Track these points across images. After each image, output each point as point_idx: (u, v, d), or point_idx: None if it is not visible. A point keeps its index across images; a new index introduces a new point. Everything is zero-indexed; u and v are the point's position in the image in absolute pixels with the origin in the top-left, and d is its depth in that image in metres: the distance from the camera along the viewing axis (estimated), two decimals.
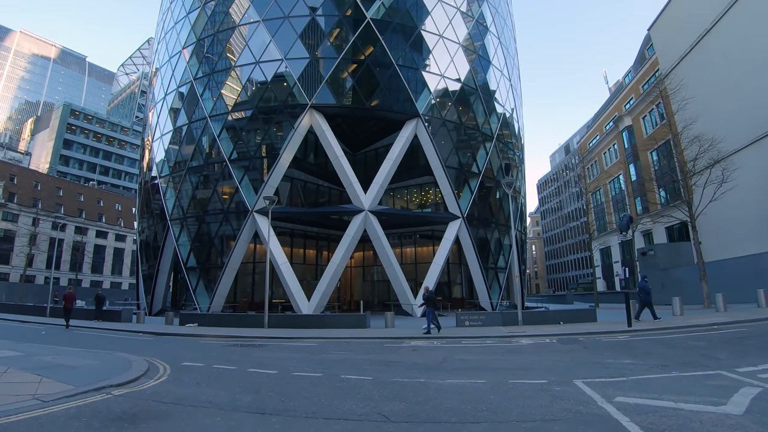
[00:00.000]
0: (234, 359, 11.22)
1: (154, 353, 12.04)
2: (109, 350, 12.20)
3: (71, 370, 8.74)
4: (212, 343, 15.31)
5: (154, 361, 10.44)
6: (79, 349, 12.10)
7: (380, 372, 9.26)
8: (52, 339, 16.28)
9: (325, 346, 14.60)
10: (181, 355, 11.95)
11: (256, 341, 15.79)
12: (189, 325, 20.64)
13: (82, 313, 26.70)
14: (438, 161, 33.98)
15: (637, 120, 47.21)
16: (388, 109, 33.66)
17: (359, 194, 31.48)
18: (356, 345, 14.79)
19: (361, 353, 12.77)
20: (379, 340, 16.03)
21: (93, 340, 16.06)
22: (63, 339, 16.41)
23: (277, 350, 13.47)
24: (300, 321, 20.55)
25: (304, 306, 29.94)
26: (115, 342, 15.59)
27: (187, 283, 38.35)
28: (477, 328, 19.33)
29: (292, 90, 33.08)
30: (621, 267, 51.26)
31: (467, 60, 38.47)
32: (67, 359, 9.92)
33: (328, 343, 15.41)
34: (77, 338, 16.99)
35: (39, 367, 8.77)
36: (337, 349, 13.68)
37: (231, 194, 32.93)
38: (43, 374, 7.98)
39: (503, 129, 40.12)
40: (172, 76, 38.75)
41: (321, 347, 14.17)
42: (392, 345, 14.77)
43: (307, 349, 13.77)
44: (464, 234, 34.56)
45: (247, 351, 13.12)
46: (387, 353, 12.81)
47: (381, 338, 16.47)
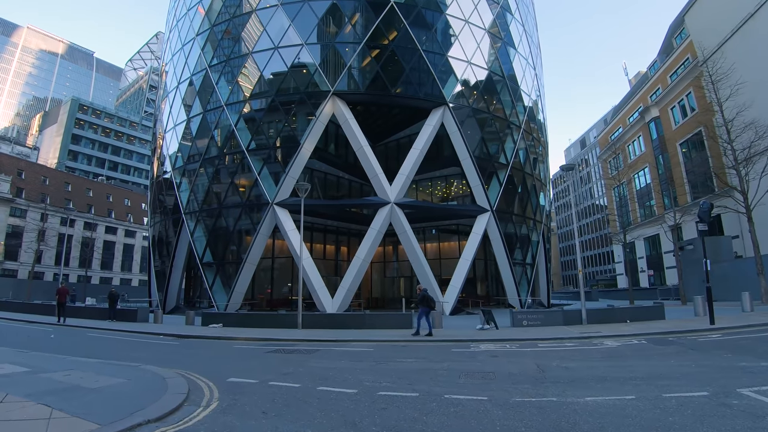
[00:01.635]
0: (289, 372, 9.08)
1: (187, 364, 9.93)
2: (132, 361, 10.09)
3: (91, 394, 6.60)
4: (248, 348, 13.18)
5: (191, 376, 8.33)
6: (97, 360, 9.95)
7: (484, 387, 7.42)
8: (64, 345, 14.18)
9: (383, 350, 12.53)
10: (221, 367, 9.83)
11: (297, 345, 13.66)
12: (213, 325, 18.54)
13: (95, 313, 24.57)
14: (466, 151, 31.81)
15: (665, 111, 44.92)
16: (414, 96, 31.47)
17: (384, 186, 29.35)
18: (419, 349, 12.72)
19: (435, 360, 10.74)
20: (440, 343, 13.98)
21: (110, 346, 13.98)
22: (75, 345, 14.30)
23: (331, 358, 11.36)
24: (337, 321, 18.39)
25: (327, 304, 27.86)
26: (135, 348, 13.51)
27: (201, 279, 36.35)
28: (537, 328, 17.35)
29: (313, 77, 30.94)
30: (646, 263, 49.13)
31: (493, 47, 36.28)
32: (84, 377, 7.77)
33: (383, 347, 13.32)
34: (92, 343, 14.88)
35: (48, 391, 6.64)
36: (402, 355, 11.64)
37: (249, 186, 30.80)
38: (53, 404, 5.84)
39: (529, 119, 37.90)
40: (186, 64, 36.60)
41: (380, 353, 12.11)
42: (460, 349, 12.71)
43: (365, 355, 11.68)
44: (493, 228, 32.40)
45: (298, 360, 10.99)
46: (465, 360, 10.82)
47: (439, 341, 14.36)
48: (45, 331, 18.29)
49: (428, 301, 15.65)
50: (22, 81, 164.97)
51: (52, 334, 16.96)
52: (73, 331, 18.61)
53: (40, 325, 20.62)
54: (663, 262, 45.91)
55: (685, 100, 42.69)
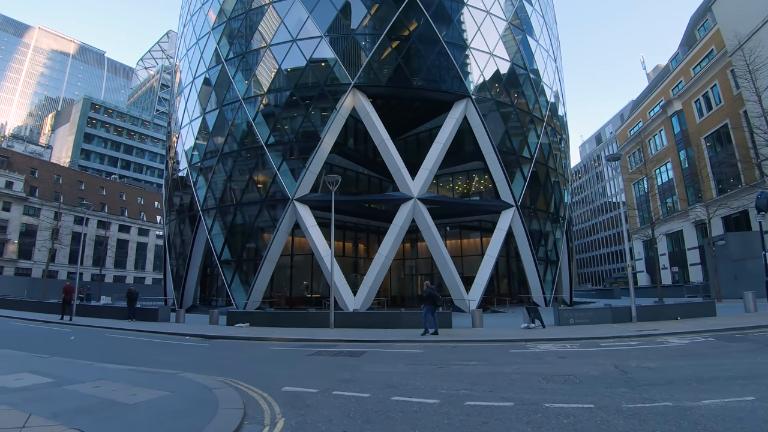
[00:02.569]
0: (348, 379, 8.03)
1: (227, 370, 8.92)
2: (164, 366, 9.08)
3: (131, 413, 5.53)
4: (286, 350, 12.12)
5: (239, 385, 7.29)
6: (126, 367, 8.86)
7: (579, 393, 6.73)
8: (86, 348, 13.19)
9: (434, 352, 11.49)
10: (267, 373, 8.78)
11: (337, 346, 12.60)
12: (239, 324, 17.52)
13: (113, 312, 23.60)
14: (490, 145, 30.66)
15: (688, 104, 43.45)
16: (437, 88, 30.30)
17: (407, 181, 28.25)
18: (473, 350, 11.72)
19: (500, 363, 9.77)
20: (493, 344, 12.96)
21: (135, 349, 13.00)
22: (98, 347, 13.28)
23: (383, 361, 10.33)
24: (371, 320, 17.32)
25: (350, 302, 26.80)
26: (163, 350, 12.51)
27: (219, 277, 35.42)
28: (586, 326, 16.38)
29: (333, 69, 29.87)
30: (668, 260, 47.72)
31: (515, 38, 35.06)
32: (117, 389, 6.70)
33: (431, 347, 12.28)
34: (115, 346, 13.88)
35: (79, 409, 5.60)
36: (459, 357, 10.59)
37: (268, 182, 29.80)
38: (89, 428, 4.78)
39: (552, 113, 36.65)
40: (201, 58, 35.66)
41: (433, 355, 11.09)
42: (519, 350, 11.69)
43: (418, 357, 10.67)
44: (517, 224, 31.23)
45: (349, 364, 9.94)
46: (532, 362, 9.87)
47: (489, 341, 13.37)
48: (63, 332, 17.27)
49: (434, 298, 15.14)
50: (34, 81, 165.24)
51: (71, 335, 15.88)
52: (93, 332, 17.61)
53: (57, 326, 19.65)
54: (686, 259, 44.50)
55: (709, 92, 41.23)
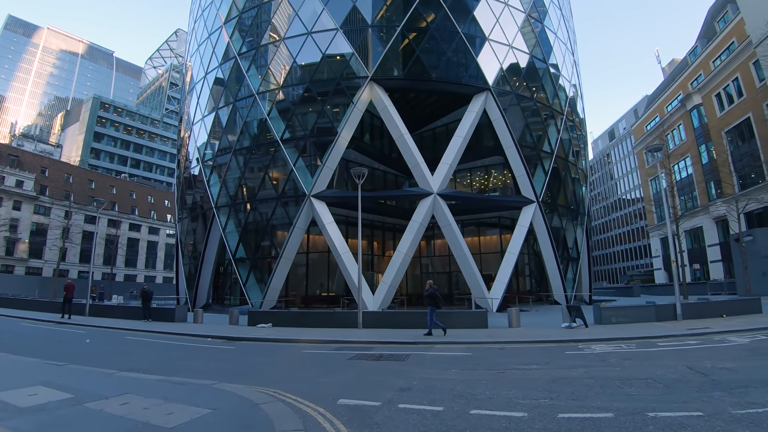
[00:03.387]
0: (406, 387, 7.05)
1: (266, 378, 7.98)
2: (191, 373, 8.17)
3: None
4: (322, 354, 11.11)
5: (286, 398, 6.32)
6: (153, 376, 7.83)
7: (669, 399, 6.16)
8: (103, 352, 12.18)
9: (484, 355, 10.53)
10: (313, 382, 7.77)
11: (374, 349, 11.60)
12: (261, 325, 16.56)
13: (128, 312, 22.60)
14: (510, 139, 29.59)
15: (708, 97, 42.16)
16: (456, 80, 29.23)
17: (427, 176, 27.24)
18: (526, 353, 10.76)
19: (562, 366, 8.91)
20: (540, 345, 12.01)
21: (157, 353, 11.97)
22: (116, 352, 12.25)
23: (433, 365, 9.32)
24: (401, 319, 16.28)
25: (369, 301, 25.80)
26: (187, 354, 11.51)
27: (231, 275, 34.67)
28: (629, 325, 15.43)
29: (349, 62, 28.91)
30: (687, 257, 46.38)
31: (533, 31, 33.96)
32: (149, 407, 5.69)
33: (478, 350, 11.29)
34: (134, 350, 12.79)
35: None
36: (514, 361, 9.63)
37: (284, 178, 28.88)
38: None
39: (570, 107, 35.52)
40: (213, 53, 34.75)
41: (483, 358, 10.13)
42: (574, 351, 10.76)
43: (470, 361, 9.71)
44: (538, 220, 30.17)
45: (397, 369, 8.93)
46: (597, 364, 8.99)
47: (535, 341, 12.39)
48: (77, 334, 16.22)
49: (436, 299, 14.36)
50: (43, 81, 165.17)
51: (86, 338, 14.75)
52: (108, 333, 16.59)
53: (69, 327, 18.60)
54: (706, 256, 43.23)
55: (731, 85, 39.95)
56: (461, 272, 34.84)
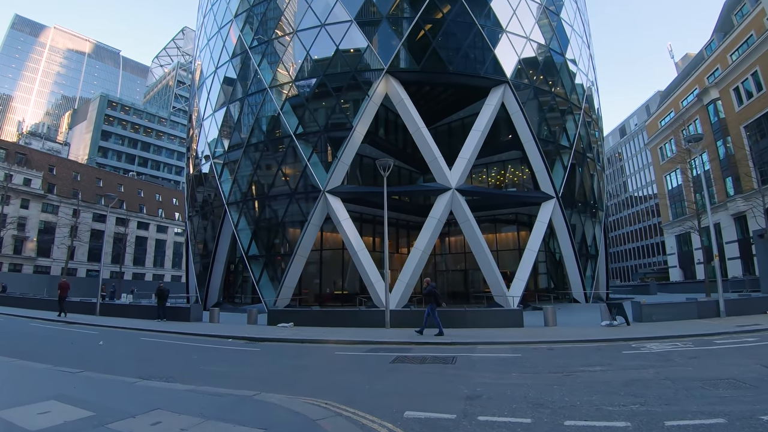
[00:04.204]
0: (469, 394, 6.18)
1: (309, 385, 7.10)
2: (221, 379, 7.29)
3: None
4: (357, 356, 10.16)
5: (343, 410, 5.42)
6: (183, 386, 6.82)
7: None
8: (120, 356, 11.18)
9: (537, 356, 9.68)
10: (362, 389, 6.85)
11: (414, 350, 10.66)
12: (282, 324, 15.66)
13: (140, 311, 21.69)
14: (529, 133, 28.64)
15: (725, 92, 41.02)
16: (474, 73, 28.24)
17: (444, 170, 26.30)
18: (579, 353, 9.96)
19: (632, 367, 8.21)
20: (589, 344, 11.17)
21: (179, 356, 10.93)
22: (135, 356, 11.25)
23: (488, 368, 8.47)
24: None
25: (385, 298, 24.87)
26: (210, 358, 10.56)
27: (242, 273, 33.90)
28: (671, 322, 14.62)
29: (364, 55, 27.99)
30: (703, 254, 45.23)
31: (551, 23, 32.96)
32: (186, 426, 4.71)
33: (526, 350, 10.39)
34: (153, 353, 11.72)
35: None
36: (574, 363, 8.79)
37: (298, 173, 27.97)
38: None
39: (588, 102, 34.50)
40: (223, 47, 33.87)
41: (539, 359, 9.30)
42: (630, 351, 9.99)
43: (526, 363, 8.85)
44: (558, 216, 29.24)
45: (451, 373, 8.06)
46: (662, 364, 8.33)
47: (582, 341, 11.55)
48: (89, 335, 15.26)
49: (436, 296, 13.72)
50: (50, 80, 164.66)
51: (100, 340, 13.72)
52: (122, 334, 15.65)
53: (80, 327, 17.65)
54: (724, 253, 42.06)
55: (749, 79, 38.79)
56: (477, 270, 34.08)
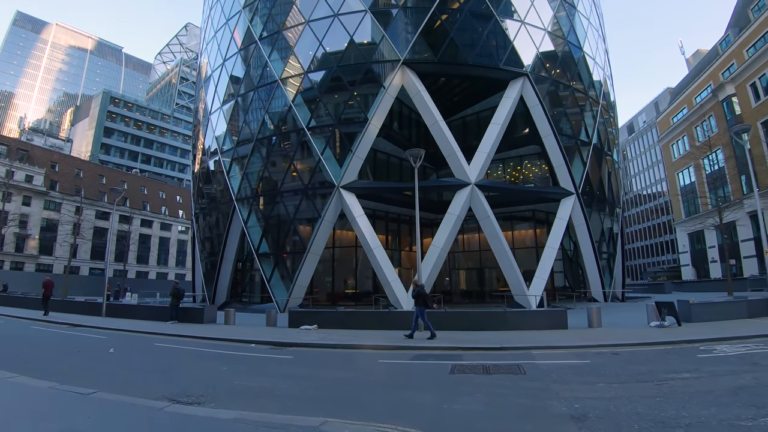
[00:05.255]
0: (572, 414, 5.00)
1: (373, 407, 5.88)
2: (282, 406, 5.99)
3: None
4: (402, 365, 8.88)
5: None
6: (226, 412, 5.28)
7: None
8: (136, 368, 9.33)
9: (606, 362, 8.50)
10: (441, 411, 5.56)
11: (464, 357, 9.36)
12: (305, 327, 14.41)
13: (149, 312, 20.27)
14: (549, 127, 27.47)
15: (742, 88, 39.85)
16: (493, 65, 27.00)
17: (464, 165, 25.10)
18: (649, 357, 9.01)
19: (722, 374, 7.35)
20: (652, 348, 10.04)
21: (203, 368, 9.24)
22: (154, 367, 9.35)
23: (564, 379, 7.23)
24: (470, 320, 14.01)
25: (402, 298, 23.77)
26: (242, 368, 9.13)
27: (250, 272, 32.69)
28: (723, 322, 13.69)
29: (379, 46, 26.74)
30: (718, 253, 44.19)
31: (568, 16, 31.78)
32: None
33: (591, 355, 9.25)
34: (173, 363, 9.81)
35: None
36: (655, 368, 7.68)
37: (310, 168, 26.75)
38: None
39: (605, 96, 33.32)
40: (231, 39, 32.59)
41: (610, 365, 8.16)
42: (704, 355, 8.99)
43: (602, 371, 7.71)
44: (577, 213, 28.10)
45: (529, 386, 6.80)
46: (757, 370, 7.22)
47: (642, 344, 10.35)
48: (96, 340, 13.60)
49: (425, 298, 12.83)
50: (52, 77, 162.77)
51: (111, 347, 11.91)
52: (134, 339, 13.97)
53: (86, 330, 16.07)
54: (740, 251, 40.96)
55: (767, 74, 37.71)
56: (492, 269, 32.92)
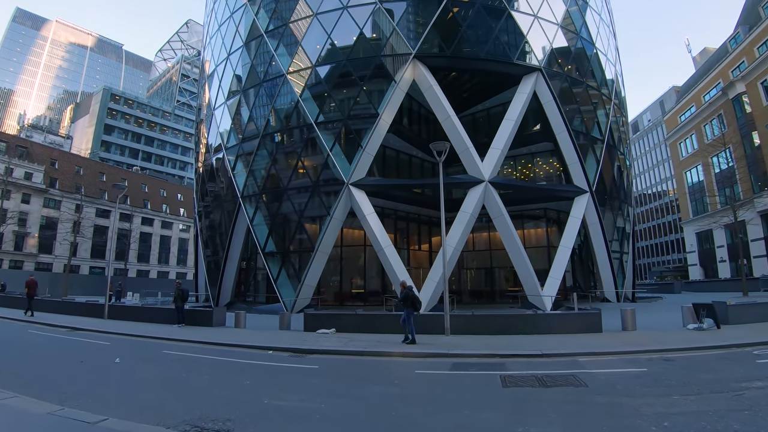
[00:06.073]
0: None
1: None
2: (307, 426, 5.02)
3: None
4: (446, 376, 7.88)
5: None
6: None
7: None
8: (147, 382, 8.05)
9: (663, 370, 7.76)
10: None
11: (509, 365, 8.38)
12: (322, 331, 13.45)
13: (154, 314, 19.04)
14: (562, 124, 26.61)
15: (753, 85, 39.03)
16: (507, 59, 26.06)
17: (477, 162, 24.18)
18: (707, 364, 8.29)
19: None
20: (704, 352, 9.39)
21: (225, 381, 8.02)
22: (168, 381, 8.07)
23: (635, 391, 6.31)
24: (498, 323, 13.00)
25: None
26: (267, 382, 7.93)
27: (257, 271, 31.72)
28: (762, 324, 12.92)
29: (389, 39, 25.79)
30: (727, 252, 43.45)
31: (580, 10, 30.91)
32: None
33: (638, 360, 8.48)
34: (189, 375, 8.64)
35: None
36: (722, 377, 7.02)
37: (319, 165, 25.78)
38: None
39: (616, 93, 32.44)
40: (236, 32, 31.53)
41: (670, 373, 7.54)
42: (764, 360, 8.23)
43: (666, 379, 7.01)
44: (591, 211, 27.27)
45: (602, 402, 5.94)
46: None
47: (688, 349, 9.62)
48: (100, 346, 12.35)
49: (413, 301, 12.27)
50: (52, 74, 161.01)
51: (117, 356, 10.39)
52: (141, 345, 12.78)
53: (87, 335, 14.76)
54: (749, 251, 40.17)
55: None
56: (502, 268, 32.06)
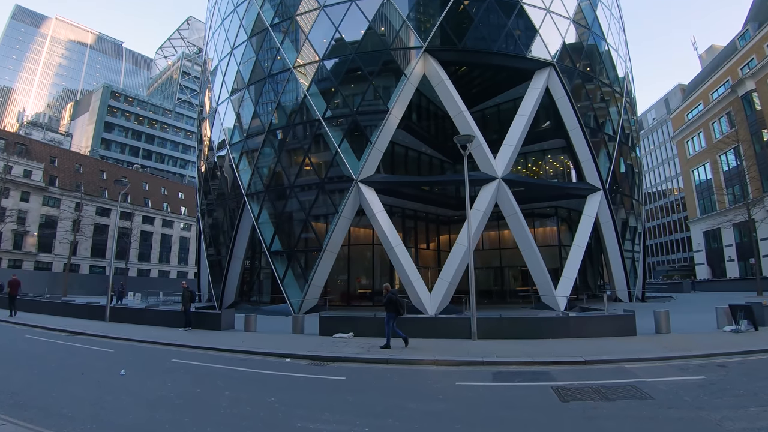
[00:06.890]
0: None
1: None
2: None
3: None
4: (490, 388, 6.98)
5: None
6: None
7: None
8: (159, 401, 6.70)
9: (725, 378, 7.22)
10: None
11: (556, 374, 7.50)
12: (340, 335, 12.56)
13: (158, 317, 17.89)
14: (575, 120, 25.82)
15: (762, 83, 38.29)
16: (519, 54, 25.22)
17: (489, 158, 23.37)
18: (754, 369, 7.85)
19: None
20: (753, 357, 8.82)
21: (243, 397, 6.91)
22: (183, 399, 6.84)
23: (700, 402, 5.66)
24: (527, 327, 12.07)
25: (426, 300, 22.10)
26: (293, 397, 6.86)
27: (261, 270, 30.87)
28: None
29: (399, 32, 24.91)
30: (735, 251, 42.73)
31: (591, 5, 30.10)
32: None
33: (690, 367, 7.70)
34: (205, 392, 7.41)
35: None
36: None
37: (326, 161, 24.87)
38: None
39: (627, 90, 31.64)
40: (240, 26, 30.61)
41: (736, 383, 6.97)
42: None
43: (723, 390, 6.61)
44: (604, 209, 26.52)
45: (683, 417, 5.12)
46: None
47: (736, 353, 9.08)
48: (103, 354, 11.28)
49: (396, 305, 11.75)
50: (52, 72, 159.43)
51: (121, 367, 9.11)
52: (147, 353, 11.57)
53: (91, 341, 13.67)
54: (759, 250, 39.39)
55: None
56: (512, 267, 31.25)
